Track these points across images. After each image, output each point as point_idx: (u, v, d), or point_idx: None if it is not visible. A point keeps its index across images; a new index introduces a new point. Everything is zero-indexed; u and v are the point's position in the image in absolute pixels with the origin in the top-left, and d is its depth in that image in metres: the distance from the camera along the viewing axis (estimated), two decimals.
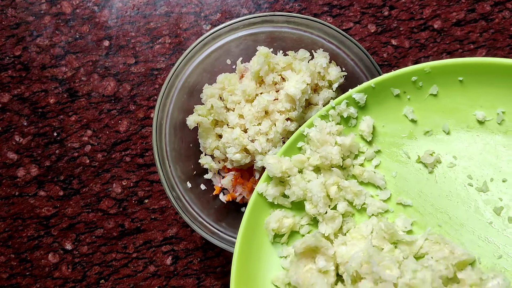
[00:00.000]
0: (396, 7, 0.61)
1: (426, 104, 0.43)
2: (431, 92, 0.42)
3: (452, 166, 0.42)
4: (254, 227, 0.44)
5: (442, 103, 0.42)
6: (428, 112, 0.43)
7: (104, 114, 0.62)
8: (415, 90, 0.42)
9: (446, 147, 0.42)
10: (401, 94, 0.43)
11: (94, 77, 0.62)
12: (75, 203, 0.61)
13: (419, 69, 0.41)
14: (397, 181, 0.44)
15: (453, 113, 0.41)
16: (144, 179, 0.61)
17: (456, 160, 0.42)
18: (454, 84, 0.41)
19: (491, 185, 0.40)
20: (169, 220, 0.61)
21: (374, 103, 0.44)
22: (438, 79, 0.41)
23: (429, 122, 0.43)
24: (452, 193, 0.41)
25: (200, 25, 0.62)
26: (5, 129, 0.62)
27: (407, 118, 0.44)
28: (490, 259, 0.38)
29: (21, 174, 0.61)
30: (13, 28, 0.63)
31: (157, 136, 0.50)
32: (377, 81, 0.43)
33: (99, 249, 0.60)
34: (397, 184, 0.44)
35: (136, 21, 0.62)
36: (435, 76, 0.41)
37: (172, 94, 0.51)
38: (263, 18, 0.50)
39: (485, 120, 0.40)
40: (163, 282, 0.60)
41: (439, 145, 0.42)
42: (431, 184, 0.42)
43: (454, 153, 0.42)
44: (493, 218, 0.39)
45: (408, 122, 0.44)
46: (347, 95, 0.44)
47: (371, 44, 0.61)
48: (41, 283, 0.60)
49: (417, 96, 0.43)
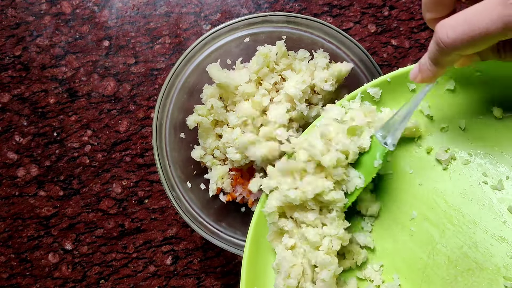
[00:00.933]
0: (396, 7, 0.61)
1: (442, 99, 0.42)
2: (447, 88, 0.41)
3: (467, 163, 0.41)
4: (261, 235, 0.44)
5: (459, 98, 0.41)
6: (445, 107, 0.42)
7: (104, 114, 0.62)
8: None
9: (462, 144, 0.41)
10: (417, 89, 0.42)
11: (94, 77, 0.62)
12: (75, 203, 0.61)
13: None
14: (412, 177, 0.43)
15: (470, 109, 0.41)
16: (144, 179, 0.61)
17: (471, 157, 0.41)
18: (472, 80, 0.40)
19: (507, 184, 0.39)
20: (169, 220, 0.61)
21: (389, 98, 0.43)
22: (455, 74, 0.40)
23: (445, 118, 0.42)
24: (466, 191, 0.41)
25: (200, 25, 0.62)
26: (5, 129, 0.62)
27: (422, 114, 0.43)
28: (503, 258, 0.38)
29: (21, 174, 0.61)
30: (13, 28, 0.63)
31: (157, 136, 0.50)
32: (393, 75, 0.42)
33: (99, 249, 0.60)
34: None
35: (136, 21, 0.62)
36: (452, 71, 0.40)
37: (172, 94, 0.51)
38: (263, 18, 0.50)
39: (502, 117, 0.39)
40: (163, 282, 0.60)
41: (455, 141, 0.41)
42: (445, 181, 0.42)
43: (469, 150, 0.41)
44: (507, 217, 0.39)
45: (424, 118, 0.43)
46: (361, 89, 0.43)
47: (371, 44, 0.61)
48: (41, 283, 0.60)
49: (433, 91, 0.42)
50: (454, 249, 0.40)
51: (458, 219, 0.40)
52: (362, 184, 0.39)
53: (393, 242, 0.43)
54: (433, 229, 0.41)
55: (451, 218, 0.41)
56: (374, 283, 0.42)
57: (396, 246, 0.43)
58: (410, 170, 0.43)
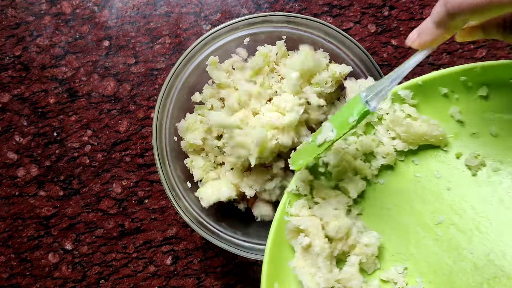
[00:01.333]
0: (396, 7, 0.61)
1: (474, 105, 0.41)
2: (480, 94, 0.40)
3: (497, 171, 0.41)
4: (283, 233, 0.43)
5: (491, 105, 0.40)
6: (476, 113, 0.41)
7: (104, 114, 0.62)
8: (464, 90, 0.41)
9: (493, 151, 0.41)
10: (449, 93, 0.41)
11: (94, 77, 0.62)
12: (75, 203, 0.61)
13: (469, 68, 0.39)
14: (440, 182, 0.42)
15: (502, 116, 0.40)
16: (144, 179, 0.61)
17: (502, 164, 0.40)
18: (505, 86, 0.39)
19: None
20: (169, 220, 0.61)
21: (420, 102, 0.43)
22: (488, 80, 0.40)
23: (476, 124, 0.41)
24: (495, 198, 0.40)
25: (200, 25, 0.62)
26: (5, 129, 0.62)
27: (453, 119, 0.42)
28: None
29: (21, 174, 0.61)
30: (13, 28, 0.63)
31: (157, 136, 0.50)
32: (424, 79, 0.41)
33: (99, 249, 0.60)
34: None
35: (136, 21, 0.62)
36: (485, 77, 0.39)
37: (172, 94, 0.51)
38: (263, 18, 0.50)
39: None
40: (163, 282, 0.60)
41: (485, 148, 0.41)
42: (473, 187, 0.41)
43: (500, 157, 0.41)
44: None
45: (454, 123, 0.42)
46: (392, 91, 0.43)
47: (371, 44, 0.61)
48: (41, 283, 0.60)
49: (465, 97, 0.41)
50: (480, 256, 0.40)
51: (486, 226, 0.40)
52: (333, 137, 0.38)
53: (418, 245, 0.43)
54: (460, 235, 0.41)
55: (478, 225, 0.40)
56: (398, 285, 0.42)
57: (421, 250, 0.42)
58: (438, 175, 0.43)
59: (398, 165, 0.44)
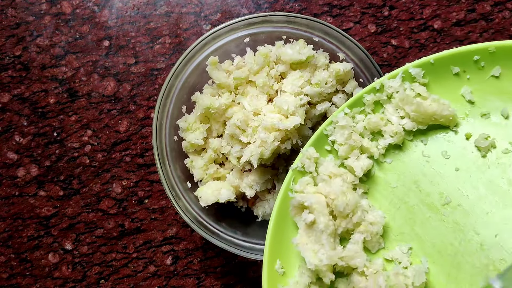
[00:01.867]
0: (396, 7, 0.61)
1: (486, 85, 0.41)
2: (492, 74, 0.40)
3: (507, 152, 0.40)
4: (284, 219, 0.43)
5: (504, 85, 0.40)
6: (488, 94, 0.41)
7: (104, 114, 0.62)
8: (476, 70, 0.40)
9: (503, 132, 0.40)
10: (461, 73, 0.41)
11: (94, 77, 0.62)
12: (75, 203, 0.61)
13: (483, 48, 0.39)
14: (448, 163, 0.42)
15: None
16: (144, 179, 0.61)
17: None
18: None
19: None
20: (169, 220, 0.61)
21: (431, 81, 0.42)
22: (502, 60, 0.39)
23: (488, 104, 0.41)
24: (504, 180, 0.40)
25: (200, 25, 0.62)
26: (5, 129, 0.62)
27: (464, 99, 0.42)
28: None
29: (21, 174, 0.61)
30: (13, 28, 0.63)
31: (157, 136, 0.50)
32: (436, 57, 0.41)
33: (99, 249, 0.60)
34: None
35: (136, 21, 0.62)
36: (500, 57, 0.39)
37: (172, 94, 0.51)
38: (263, 18, 0.50)
39: None
40: (163, 282, 0.60)
41: (496, 129, 0.41)
42: (482, 169, 0.41)
43: (510, 139, 0.40)
44: None
45: (465, 103, 0.42)
46: (403, 68, 0.42)
47: (371, 44, 0.61)
48: (41, 283, 0.60)
49: (477, 77, 0.41)
50: (487, 237, 0.39)
51: (493, 208, 0.39)
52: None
53: (423, 226, 0.42)
54: (467, 216, 0.40)
55: (486, 207, 0.40)
56: (402, 264, 0.41)
57: (426, 230, 0.42)
58: (447, 155, 0.42)
59: (406, 144, 0.44)
